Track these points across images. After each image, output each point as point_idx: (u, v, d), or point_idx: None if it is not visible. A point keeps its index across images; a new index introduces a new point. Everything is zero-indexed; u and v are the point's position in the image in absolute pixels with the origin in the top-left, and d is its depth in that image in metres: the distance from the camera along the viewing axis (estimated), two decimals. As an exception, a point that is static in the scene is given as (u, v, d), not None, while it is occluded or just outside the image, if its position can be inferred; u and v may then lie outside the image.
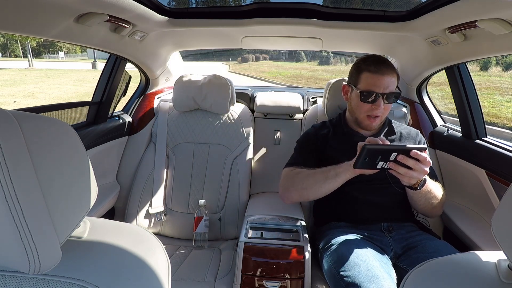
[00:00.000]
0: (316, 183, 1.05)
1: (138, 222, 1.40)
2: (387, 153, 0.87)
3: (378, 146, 0.87)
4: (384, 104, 1.08)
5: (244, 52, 17.22)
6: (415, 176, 0.89)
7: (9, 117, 0.37)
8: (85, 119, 1.34)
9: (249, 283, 0.99)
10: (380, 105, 1.07)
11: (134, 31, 1.14)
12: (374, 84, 1.07)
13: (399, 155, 0.87)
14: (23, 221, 0.36)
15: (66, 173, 0.44)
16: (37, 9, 0.77)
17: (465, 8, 0.85)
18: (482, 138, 1.25)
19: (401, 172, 0.89)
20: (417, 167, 0.87)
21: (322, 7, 1.16)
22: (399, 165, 0.88)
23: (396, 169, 0.89)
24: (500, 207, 0.52)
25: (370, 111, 1.10)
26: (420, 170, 0.88)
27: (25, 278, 0.43)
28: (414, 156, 0.86)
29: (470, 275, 0.54)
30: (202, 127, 1.50)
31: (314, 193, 1.06)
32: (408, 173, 0.88)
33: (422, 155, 0.86)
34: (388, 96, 1.07)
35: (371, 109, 1.09)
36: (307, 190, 1.07)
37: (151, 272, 0.49)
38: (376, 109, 1.08)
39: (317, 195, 1.07)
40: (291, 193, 1.11)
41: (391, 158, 0.88)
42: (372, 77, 1.07)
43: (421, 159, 0.87)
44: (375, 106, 1.08)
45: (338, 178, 1.01)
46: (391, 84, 1.07)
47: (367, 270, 0.84)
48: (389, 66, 1.08)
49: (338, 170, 1.00)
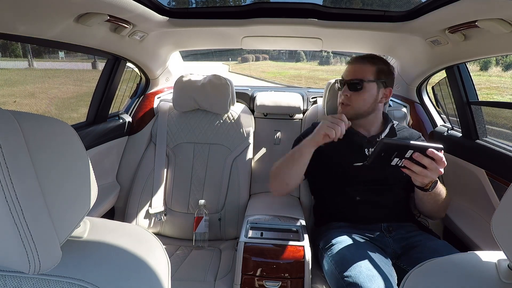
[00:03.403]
0: (287, 166, 1.10)
1: (138, 222, 1.40)
2: (404, 149, 0.86)
3: (395, 141, 0.86)
4: (350, 92, 1.11)
5: (244, 52, 17.22)
6: (429, 175, 0.88)
7: (9, 117, 0.37)
8: (85, 119, 1.34)
9: (249, 283, 0.99)
10: (346, 92, 1.12)
11: (134, 31, 1.14)
12: (345, 72, 1.15)
13: (415, 153, 0.86)
14: (23, 221, 0.36)
15: (66, 173, 0.44)
16: (37, 9, 0.77)
17: (465, 8, 0.85)
18: (482, 138, 1.25)
19: (416, 171, 0.88)
20: (432, 167, 0.87)
21: (322, 7, 1.16)
22: (414, 163, 0.88)
23: (411, 167, 0.88)
24: (500, 207, 0.52)
25: (340, 98, 1.17)
26: (434, 170, 0.87)
27: (25, 278, 0.43)
28: (430, 155, 0.86)
29: (470, 275, 0.54)
30: (202, 127, 1.50)
31: (288, 176, 1.10)
32: (422, 172, 0.88)
33: (438, 155, 0.86)
34: (350, 84, 1.11)
35: (340, 97, 1.16)
36: (282, 175, 1.12)
37: (151, 272, 0.49)
38: (341, 96, 1.14)
39: (292, 177, 1.10)
40: (273, 183, 1.15)
41: (406, 156, 0.87)
42: (347, 67, 1.16)
43: (437, 158, 0.86)
44: (342, 93, 1.14)
45: (302, 156, 1.07)
46: (356, 74, 1.11)
47: (367, 270, 0.84)
48: (366, 58, 1.13)
49: (301, 149, 1.08)
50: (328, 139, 1.03)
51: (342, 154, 1.16)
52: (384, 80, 1.11)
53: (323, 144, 1.20)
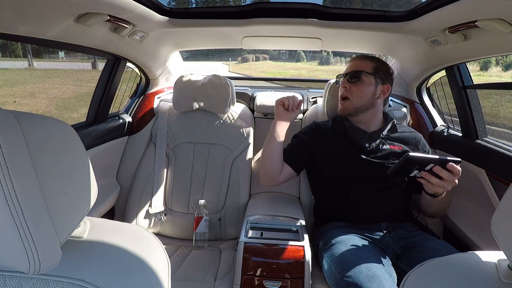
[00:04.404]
0: (264, 149, 1.20)
1: (138, 222, 1.40)
2: (427, 163, 0.88)
3: (419, 156, 0.88)
4: (349, 84, 1.17)
5: (244, 52, 17.18)
6: (446, 187, 0.91)
7: (9, 117, 0.37)
8: (85, 119, 1.34)
9: (249, 283, 0.99)
10: (345, 84, 1.18)
11: (134, 31, 1.14)
12: (345, 68, 1.22)
13: (436, 166, 0.88)
14: (23, 221, 0.36)
15: (66, 173, 0.44)
16: (37, 9, 0.77)
17: (465, 8, 0.85)
18: (482, 138, 1.25)
19: (434, 183, 0.91)
20: (449, 179, 0.89)
21: (322, 7, 1.16)
22: (432, 175, 0.90)
23: (429, 178, 0.91)
24: (500, 207, 0.52)
25: (339, 92, 1.22)
26: (450, 182, 0.90)
27: (25, 278, 0.43)
28: (450, 168, 0.88)
29: (470, 275, 0.54)
30: (202, 127, 1.50)
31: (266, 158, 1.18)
32: (440, 184, 0.90)
33: (457, 169, 0.88)
34: (350, 74, 1.17)
35: (340, 91, 1.22)
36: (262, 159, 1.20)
37: (151, 272, 0.49)
38: (341, 89, 1.20)
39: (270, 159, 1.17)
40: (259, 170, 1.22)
41: (426, 168, 0.89)
42: (347, 65, 1.23)
43: (456, 172, 0.89)
44: (341, 86, 1.21)
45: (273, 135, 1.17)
46: (356, 66, 1.18)
47: (367, 270, 0.84)
48: (365, 56, 1.22)
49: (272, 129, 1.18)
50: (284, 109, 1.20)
51: (342, 149, 1.17)
52: (381, 76, 1.17)
53: (319, 142, 1.21)
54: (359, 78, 1.15)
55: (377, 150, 1.15)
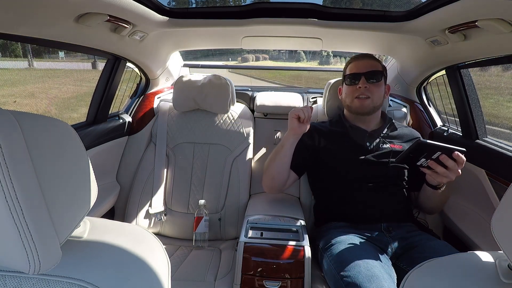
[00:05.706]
0: (272, 160, 1.17)
1: (138, 222, 1.40)
2: (435, 151, 0.88)
3: (430, 142, 0.88)
4: (369, 84, 1.15)
5: (244, 52, 17.16)
6: (450, 176, 0.91)
7: (9, 117, 0.37)
8: (85, 119, 1.34)
9: (249, 283, 0.99)
10: (364, 84, 1.15)
11: (134, 31, 1.14)
12: (355, 67, 1.18)
13: (442, 155, 0.88)
14: (23, 221, 0.36)
15: (66, 173, 0.44)
16: (37, 9, 0.77)
17: (465, 8, 0.85)
18: (482, 138, 1.25)
19: (439, 172, 0.91)
20: (454, 168, 0.90)
21: (322, 7, 1.16)
22: (438, 164, 0.90)
23: (435, 167, 0.91)
24: (500, 207, 0.52)
25: (356, 92, 1.17)
26: (455, 172, 0.90)
27: (25, 278, 0.43)
28: (456, 157, 0.88)
29: (470, 275, 0.54)
30: (202, 127, 1.50)
31: (273, 169, 1.16)
32: (445, 173, 0.90)
33: (462, 158, 0.89)
34: (369, 74, 1.15)
35: (357, 90, 1.16)
36: (269, 169, 1.18)
37: (151, 272, 0.49)
38: (360, 88, 1.15)
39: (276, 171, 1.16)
40: (263, 179, 1.22)
41: (433, 157, 0.89)
42: (354, 64, 1.19)
43: (461, 161, 0.89)
44: (360, 85, 1.15)
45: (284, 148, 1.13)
46: (372, 66, 1.16)
47: (367, 270, 0.84)
48: (371, 55, 1.21)
49: (283, 141, 1.15)
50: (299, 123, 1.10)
51: (342, 149, 1.17)
52: (386, 76, 1.21)
53: (319, 143, 1.21)
54: (378, 79, 1.16)
55: (377, 149, 1.15)
